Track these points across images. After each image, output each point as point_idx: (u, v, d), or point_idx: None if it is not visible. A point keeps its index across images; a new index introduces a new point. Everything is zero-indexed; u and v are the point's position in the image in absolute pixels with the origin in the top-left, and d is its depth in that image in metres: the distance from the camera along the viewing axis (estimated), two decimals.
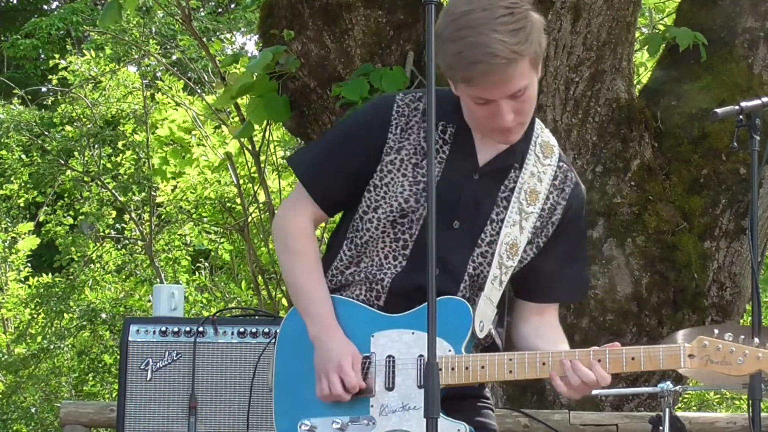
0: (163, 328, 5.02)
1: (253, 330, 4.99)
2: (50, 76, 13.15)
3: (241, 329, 4.99)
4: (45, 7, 18.68)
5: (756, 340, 2.88)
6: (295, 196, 3.24)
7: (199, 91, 11.93)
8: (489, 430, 3.15)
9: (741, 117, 3.48)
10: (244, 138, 7.99)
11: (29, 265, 13.48)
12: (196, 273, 12.94)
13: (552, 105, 6.07)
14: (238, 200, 10.87)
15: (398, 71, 5.98)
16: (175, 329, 5.03)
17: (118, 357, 5.47)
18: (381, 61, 6.16)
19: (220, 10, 16.51)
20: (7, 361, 12.37)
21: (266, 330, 4.95)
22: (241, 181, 10.22)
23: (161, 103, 12.01)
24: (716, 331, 2.90)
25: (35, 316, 12.66)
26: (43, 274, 13.03)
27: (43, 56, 16.08)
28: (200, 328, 4.99)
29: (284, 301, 10.20)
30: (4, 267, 13.21)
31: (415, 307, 3.02)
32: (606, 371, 2.91)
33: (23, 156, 12.95)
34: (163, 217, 12.62)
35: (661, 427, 4.44)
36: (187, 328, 5.02)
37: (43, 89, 15.10)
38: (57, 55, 13.07)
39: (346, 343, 3.03)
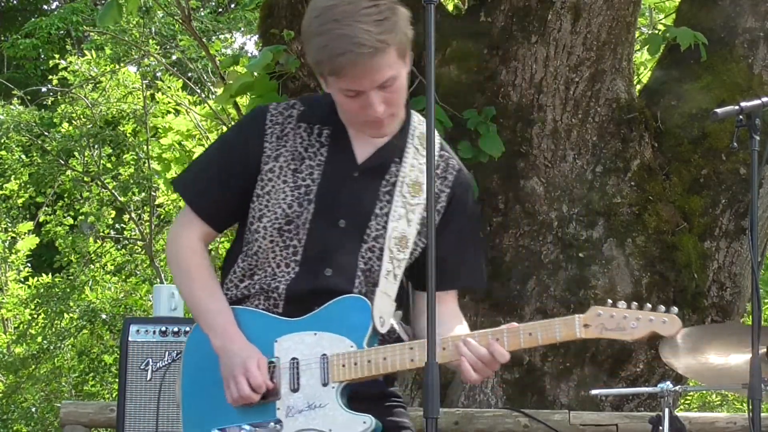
0: (163, 328, 5.02)
1: None
2: (50, 76, 13.16)
3: None
4: (45, 7, 18.68)
5: (648, 305, 2.93)
6: (182, 216, 3.26)
7: (199, 91, 11.93)
8: (402, 428, 3.16)
9: (741, 117, 3.48)
10: None
11: (29, 265, 13.48)
12: None
13: (552, 105, 6.07)
14: None
15: None
16: (175, 329, 5.03)
17: (118, 357, 5.46)
18: None
19: (220, 10, 16.51)
20: (7, 361, 12.38)
21: None
22: None
23: (161, 103, 12.01)
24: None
25: (35, 316, 12.67)
26: (43, 274, 13.04)
27: (43, 56, 16.08)
28: None
29: None
30: (4, 267, 13.22)
31: (314, 310, 3.04)
32: (504, 348, 2.95)
33: (23, 156, 12.96)
34: (163, 217, 12.62)
35: (661, 427, 4.44)
36: (187, 328, 5.00)
37: (43, 89, 15.10)
38: (57, 55, 13.08)
39: (251, 348, 3.05)
